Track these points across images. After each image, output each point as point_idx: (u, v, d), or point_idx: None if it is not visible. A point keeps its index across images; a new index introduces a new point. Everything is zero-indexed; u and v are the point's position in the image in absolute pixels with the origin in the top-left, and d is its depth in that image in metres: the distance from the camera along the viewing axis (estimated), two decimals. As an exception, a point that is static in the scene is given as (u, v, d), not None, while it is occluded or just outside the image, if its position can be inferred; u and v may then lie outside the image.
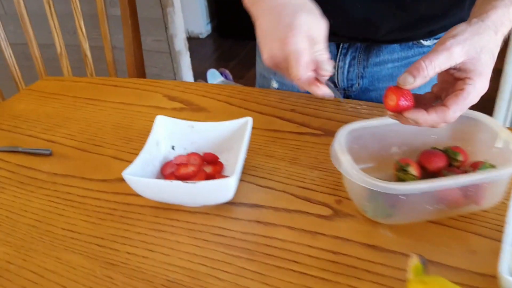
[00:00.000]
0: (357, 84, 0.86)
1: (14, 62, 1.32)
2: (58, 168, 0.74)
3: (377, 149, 0.65)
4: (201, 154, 0.70)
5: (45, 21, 1.28)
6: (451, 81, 0.56)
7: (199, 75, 2.26)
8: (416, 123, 0.54)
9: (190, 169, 0.64)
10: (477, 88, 0.53)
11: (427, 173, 0.63)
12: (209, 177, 0.65)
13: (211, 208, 0.63)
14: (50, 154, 0.77)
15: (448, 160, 0.63)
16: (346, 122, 0.76)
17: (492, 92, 1.75)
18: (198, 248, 0.58)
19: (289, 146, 0.73)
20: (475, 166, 0.60)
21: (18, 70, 1.33)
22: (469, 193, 0.56)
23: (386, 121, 0.63)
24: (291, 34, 0.53)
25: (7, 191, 0.70)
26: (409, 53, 0.81)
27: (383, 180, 0.61)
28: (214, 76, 2.29)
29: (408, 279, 0.49)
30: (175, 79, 1.86)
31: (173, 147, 0.71)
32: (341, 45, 0.82)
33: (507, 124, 1.76)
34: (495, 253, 0.52)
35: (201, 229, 0.60)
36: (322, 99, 0.83)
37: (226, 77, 2.33)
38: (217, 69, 2.35)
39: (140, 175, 0.62)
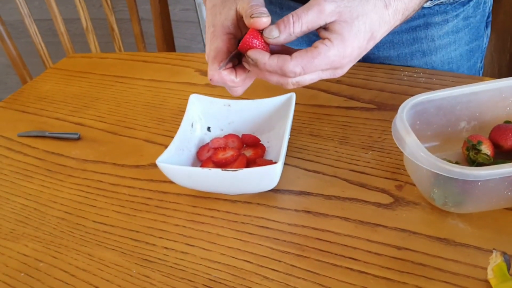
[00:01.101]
0: None
1: (40, 39, 1.27)
2: (88, 153, 0.69)
3: (443, 124, 0.56)
4: (240, 135, 0.63)
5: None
6: None
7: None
8: (256, 64, 0.47)
9: (229, 153, 0.58)
10: (331, 53, 0.45)
11: (501, 152, 0.54)
12: (250, 162, 0.58)
13: (254, 196, 0.56)
14: (78, 138, 0.72)
15: (527, 135, 0.54)
16: (401, 93, 0.69)
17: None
18: (241, 243, 0.52)
19: (337, 123, 0.65)
20: (561, 143, 0.51)
21: (44, 48, 1.29)
22: (559, 176, 0.47)
23: (453, 92, 0.54)
24: (207, 36, 0.51)
25: (35, 180, 0.66)
26: None
27: (451, 160, 0.54)
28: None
29: (492, 279, 0.42)
30: (204, 50, 1.79)
31: (208, 129, 0.65)
32: None
33: None
34: None
35: (244, 221, 0.54)
36: (372, 67, 0.75)
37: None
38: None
39: (175, 162, 0.56)
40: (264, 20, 0.46)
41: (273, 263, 0.49)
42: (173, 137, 0.59)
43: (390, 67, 0.74)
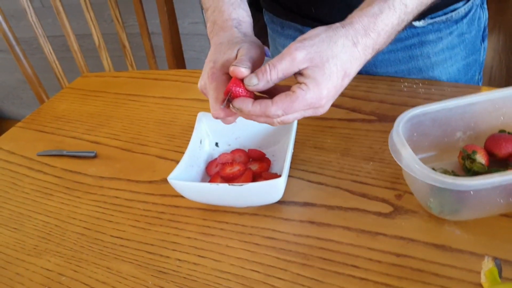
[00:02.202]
0: None
1: (54, 57, 1.33)
2: (104, 170, 0.73)
3: (439, 135, 0.59)
4: (246, 150, 0.66)
5: (81, 10, 1.27)
6: None
7: (239, 54, 2.22)
8: (241, 112, 0.51)
9: (236, 168, 0.61)
10: (308, 97, 0.49)
11: (496, 160, 0.57)
12: (256, 175, 0.62)
13: (260, 208, 0.60)
14: (95, 156, 0.76)
15: (520, 144, 0.56)
16: (400, 104, 0.72)
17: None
18: (249, 253, 0.55)
19: (339, 135, 0.68)
20: (553, 151, 0.54)
21: (58, 65, 1.34)
22: (549, 184, 0.50)
23: (448, 104, 0.57)
24: (203, 71, 0.56)
25: (55, 198, 0.70)
26: (402, 35, 0.72)
27: (448, 170, 0.56)
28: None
29: (485, 284, 0.45)
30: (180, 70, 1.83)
31: (216, 144, 0.68)
32: None
33: None
34: None
35: (252, 232, 0.57)
36: (373, 79, 0.78)
37: (265, 53, 2.27)
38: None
39: (186, 178, 0.59)
40: (241, 69, 0.50)
41: (279, 272, 0.52)
42: (183, 153, 0.63)
43: (390, 78, 0.77)
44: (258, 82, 0.50)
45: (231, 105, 0.52)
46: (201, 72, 0.88)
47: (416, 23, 0.71)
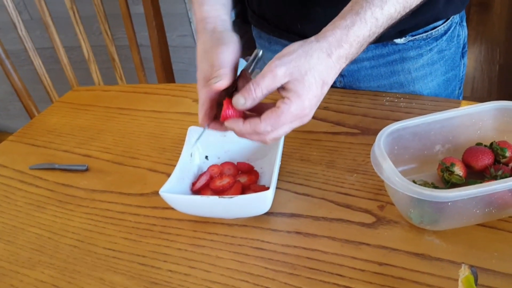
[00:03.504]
0: (339, 82, 0.83)
1: (44, 70, 1.34)
2: (95, 183, 0.75)
3: (419, 149, 0.62)
4: (235, 162, 0.68)
5: (69, 22, 1.28)
6: None
7: (227, 65, 2.24)
8: (234, 131, 0.55)
9: (225, 181, 0.63)
10: (292, 109, 0.52)
11: (473, 172, 0.60)
12: (244, 187, 0.64)
13: (249, 219, 0.62)
14: (86, 170, 0.78)
15: (495, 156, 0.60)
16: (383, 118, 0.74)
17: None
18: (239, 264, 0.57)
19: (324, 148, 0.71)
20: (526, 163, 0.57)
21: (48, 78, 1.35)
22: (521, 195, 0.53)
23: (427, 119, 0.60)
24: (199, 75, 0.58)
25: (48, 211, 0.71)
26: (384, 51, 0.76)
27: (428, 181, 0.59)
28: (242, 66, 2.27)
29: (460, 292, 0.47)
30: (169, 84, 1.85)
31: (206, 157, 0.70)
32: None
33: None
34: (553, 258, 0.49)
35: (241, 243, 0.59)
36: (357, 94, 0.81)
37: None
38: (244, 57, 2.32)
39: (177, 191, 0.61)
40: (217, 85, 0.54)
41: (268, 281, 0.54)
42: (174, 165, 0.65)
43: (373, 93, 0.80)
44: (245, 101, 0.53)
45: (225, 124, 0.56)
46: (190, 86, 0.91)
47: (398, 40, 0.74)
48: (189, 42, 1.79)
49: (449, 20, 0.76)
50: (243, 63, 1.95)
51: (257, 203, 0.58)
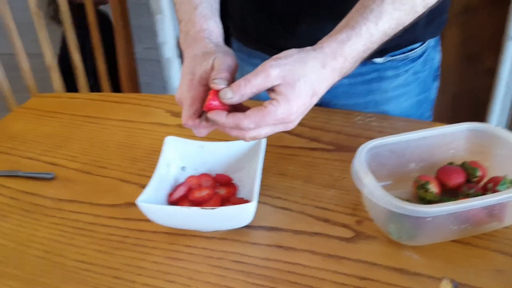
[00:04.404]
0: None
1: (2, 76, 1.28)
2: (63, 193, 0.71)
3: (395, 165, 0.64)
4: (213, 174, 0.68)
5: (33, 30, 1.24)
6: None
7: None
8: (216, 123, 0.55)
9: (204, 192, 0.62)
10: (279, 112, 0.52)
11: (446, 190, 0.62)
12: (223, 200, 0.63)
13: (228, 232, 0.61)
14: (53, 178, 0.74)
15: (467, 175, 0.62)
16: (356, 135, 0.76)
17: (484, 93, 1.76)
18: (219, 277, 0.56)
19: (301, 163, 0.72)
20: (495, 182, 0.59)
21: (7, 85, 1.29)
22: (494, 212, 0.55)
23: (404, 138, 0.62)
24: (180, 82, 0.58)
25: (11, 220, 0.67)
26: (363, 69, 0.79)
27: (403, 198, 0.60)
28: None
29: (441, 305, 0.48)
30: (165, 87, 1.83)
31: (183, 168, 0.69)
32: None
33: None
34: (524, 273, 0.51)
35: (220, 256, 0.58)
36: (330, 112, 0.82)
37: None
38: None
39: (153, 201, 0.59)
40: (220, 86, 0.53)
41: (249, 295, 0.53)
42: (147, 176, 0.63)
43: (346, 111, 0.82)
44: (233, 96, 0.52)
45: (207, 115, 0.54)
46: (162, 96, 0.90)
47: (377, 60, 0.77)
48: (154, 55, 1.77)
49: (425, 43, 0.79)
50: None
51: (240, 215, 0.57)
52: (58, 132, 0.86)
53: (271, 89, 0.53)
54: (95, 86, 1.44)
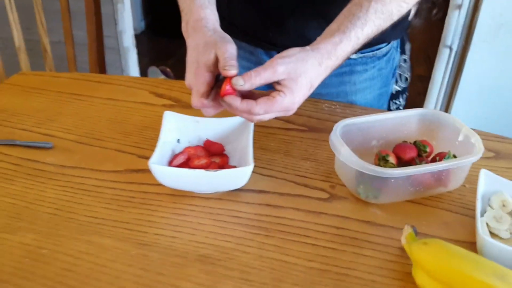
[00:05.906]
0: None
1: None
2: (64, 160, 0.77)
3: (361, 142, 0.77)
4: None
5: (4, 13, 1.26)
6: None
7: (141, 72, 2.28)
8: (230, 107, 0.65)
9: (203, 161, 0.72)
10: (285, 102, 0.64)
11: (402, 162, 0.76)
12: (220, 167, 0.73)
13: (223, 194, 0.71)
14: (52, 148, 0.80)
15: (418, 151, 0.76)
16: (324, 119, 0.89)
17: (419, 96, 1.97)
18: (220, 228, 0.65)
19: (280, 140, 0.83)
20: (441, 156, 0.74)
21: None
22: (441, 178, 0.70)
23: (371, 118, 0.75)
24: (187, 70, 0.68)
25: (17, 183, 0.72)
26: None
27: (368, 168, 0.73)
28: (155, 74, 2.32)
29: (405, 244, 0.61)
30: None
31: (178, 140, 0.77)
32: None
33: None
34: (462, 224, 0.66)
35: (219, 212, 0.68)
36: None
37: (167, 75, 2.37)
38: (157, 66, 2.37)
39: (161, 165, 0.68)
40: (232, 72, 0.64)
41: (248, 241, 0.64)
42: (143, 148, 0.73)
43: (314, 100, 0.94)
44: (244, 83, 0.63)
45: (223, 99, 0.64)
46: (144, 79, 0.98)
47: (352, 56, 0.90)
48: (112, 43, 1.81)
49: (390, 44, 0.93)
50: (157, 73, 2.07)
51: (239, 177, 0.67)
52: (47, 107, 0.91)
53: (277, 82, 0.64)
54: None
